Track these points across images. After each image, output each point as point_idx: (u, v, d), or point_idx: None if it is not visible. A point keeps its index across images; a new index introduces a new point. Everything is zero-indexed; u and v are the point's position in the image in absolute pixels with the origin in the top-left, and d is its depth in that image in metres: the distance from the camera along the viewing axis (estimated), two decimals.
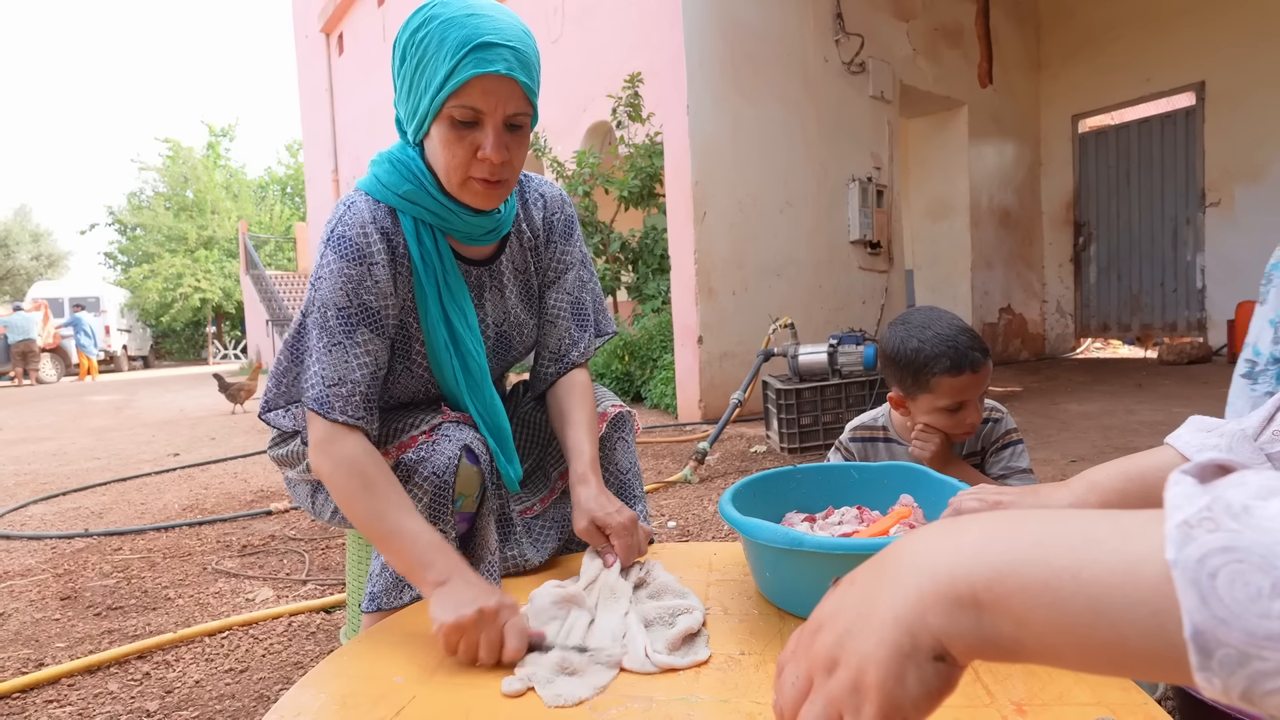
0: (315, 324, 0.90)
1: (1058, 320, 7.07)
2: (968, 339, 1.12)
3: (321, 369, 0.88)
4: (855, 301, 4.85)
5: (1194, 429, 0.67)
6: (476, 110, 0.85)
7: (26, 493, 3.19)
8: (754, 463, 2.98)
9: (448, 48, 0.82)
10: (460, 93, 0.84)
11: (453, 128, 0.86)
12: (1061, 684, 0.63)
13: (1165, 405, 3.75)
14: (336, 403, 0.87)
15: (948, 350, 1.11)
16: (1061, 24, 6.72)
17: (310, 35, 13.15)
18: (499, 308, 1.05)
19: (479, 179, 0.89)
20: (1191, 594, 0.24)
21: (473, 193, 0.91)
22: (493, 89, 0.84)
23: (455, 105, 0.84)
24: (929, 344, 1.12)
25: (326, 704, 0.69)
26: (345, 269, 0.89)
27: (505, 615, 0.74)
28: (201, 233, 23.31)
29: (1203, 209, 6.03)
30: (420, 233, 0.94)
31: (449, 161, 0.88)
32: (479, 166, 0.88)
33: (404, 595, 0.93)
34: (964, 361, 1.11)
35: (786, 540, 0.77)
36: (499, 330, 1.06)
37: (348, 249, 0.89)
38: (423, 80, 0.85)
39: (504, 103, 0.85)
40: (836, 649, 0.33)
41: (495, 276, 1.04)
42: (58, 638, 1.55)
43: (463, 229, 0.96)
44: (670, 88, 4.11)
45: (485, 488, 0.97)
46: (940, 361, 1.11)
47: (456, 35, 0.82)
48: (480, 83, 0.83)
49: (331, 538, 2.21)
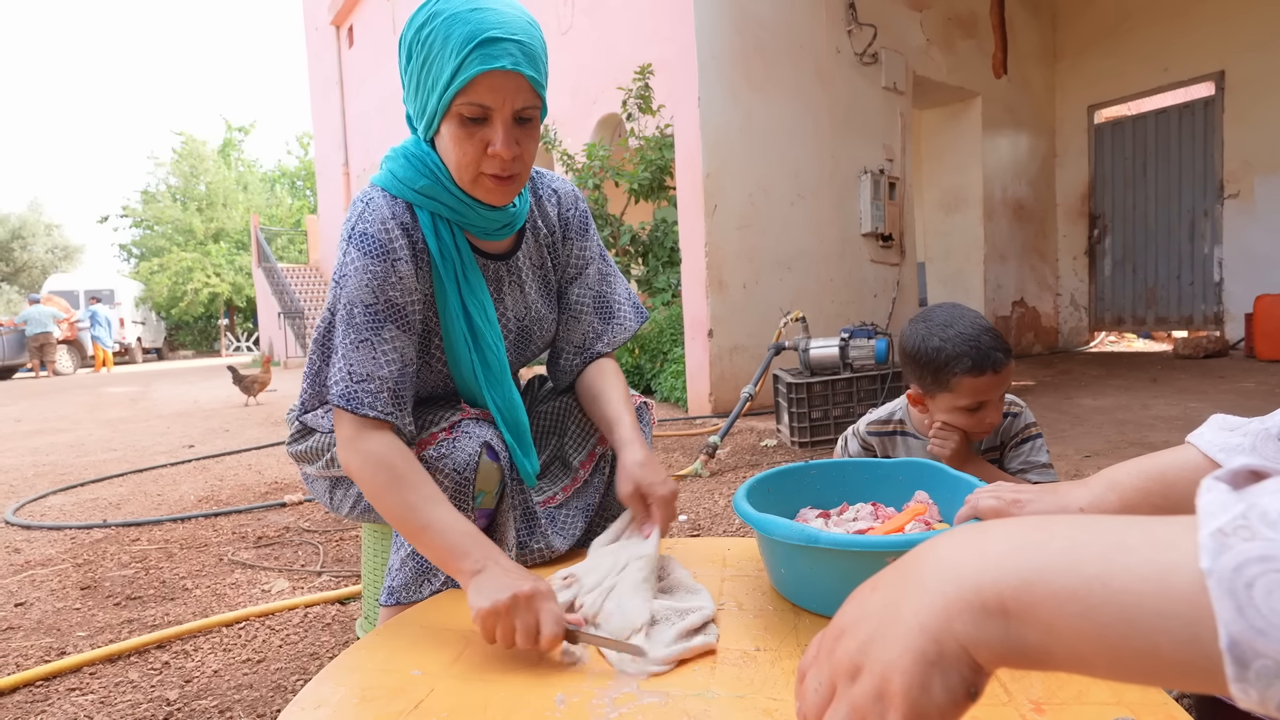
0: (342, 321, 0.90)
1: (1071, 313, 7.00)
2: (990, 339, 1.11)
3: (348, 365, 0.88)
4: (867, 295, 4.82)
5: (1216, 428, 0.66)
6: (485, 107, 0.84)
7: (46, 483, 3.23)
8: (764, 457, 2.98)
9: (453, 44, 0.82)
10: (467, 90, 0.83)
11: (462, 125, 0.86)
12: (1080, 683, 0.63)
13: (1181, 400, 3.71)
14: (365, 398, 0.87)
15: (969, 350, 1.09)
16: (1078, 13, 6.62)
17: (320, 27, 13.16)
18: (519, 302, 1.05)
19: (490, 175, 0.89)
20: (1227, 604, 0.23)
21: (485, 189, 0.91)
22: (500, 85, 0.83)
23: (463, 102, 0.84)
24: (950, 343, 1.11)
25: (346, 696, 0.69)
26: (370, 265, 0.89)
27: (541, 600, 0.74)
28: (210, 225, 23.41)
29: (1221, 201, 5.94)
30: (438, 227, 0.94)
31: (460, 159, 0.88)
32: (490, 163, 0.88)
33: (423, 590, 0.94)
34: (986, 362, 1.09)
35: (802, 537, 0.77)
36: (520, 324, 1.06)
37: (371, 245, 0.89)
38: (429, 78, 0.85)
39: (511, 98, 0.85)
40: (860, 656, 0.33)
41: (514, 271, 1.04)
42: (79, 626, 1.57)
43: (479, 223, 0.96)
44: (681, 79, 4.09)
45: (505, 484, 0.97)
46: (962, 361, 1.10)
47: (461, 31, 0.81)
48: (487, 79, 0.83)
49: (345, 530, 2.23)
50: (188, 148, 24.19)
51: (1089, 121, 6.71)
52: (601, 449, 1.12)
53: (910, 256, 5.12)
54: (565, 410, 1.15)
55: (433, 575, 0.95)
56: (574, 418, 1.14)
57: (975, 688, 0.31)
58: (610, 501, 1.15)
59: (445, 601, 0.91)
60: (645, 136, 5.14)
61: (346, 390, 0.87)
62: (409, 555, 0.94)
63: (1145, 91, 6.32)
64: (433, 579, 0.95)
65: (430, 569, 0.95)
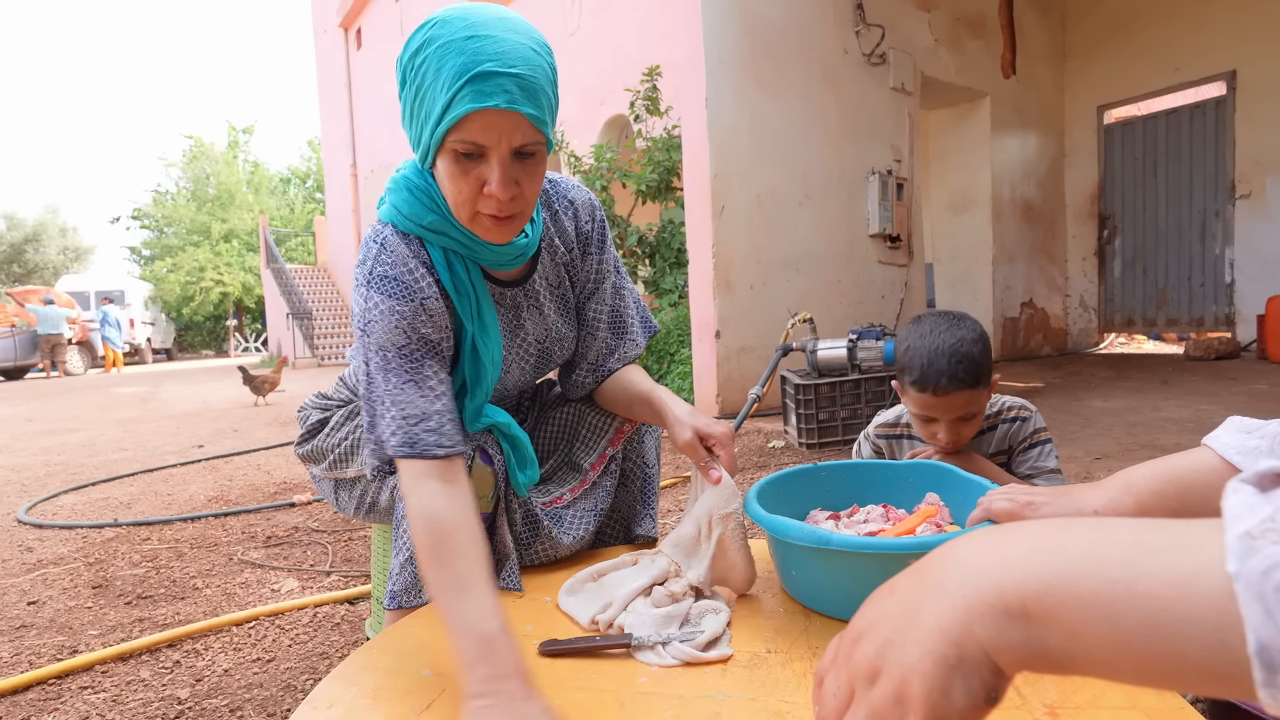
0: (379, 370, 0.85)
1: (1080, 315, 6.96)
2: (949, 363, 1.08)
3: (400, 410, 0.83)
4: (875, 296, 4.80)
5: (1233, 430, 0.66)
6: (479, 145, 0.79)
7: (57, 482, 3.26)
8: (772, 458, 2.97)
9: (444, 78, 0.76)
10: (459, 127, 0.77)
11: (456, 161, 0.80)
12: (1095, 687, 0.62)
13: (1192, 402, 3.68)
14: (428, 437, 0.81)
15: (920, 364, 1.10)
16: (1088, 13, 6.58)
17: (329, 30, 13.24)
18: (539, 326, 1.03)
19: (488, 214, 0.84)
20: (1256, 608, 0.23)
21: (483, 228, 0.86)
22: (494, 123, 0.77)
23: (456, 139, 0.78)
24: (911, 352, 1.13)
25: (357, 697, 0.70)
26: (396, 307, 0.85)
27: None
28: (222, 225, 23.60)
29: (1232, 201, 5.90)
30: (451, 262, 0.91)
31: (455, 196, 0.83)
32: (487, 202, 0.82)
33: (423, 595, 0.94)
34: (928, 380, 1.09)
35: (813, 539, 0.76)
36: (541, 347, 1.04)
37: (396, 288, 0.86)
38: (422, 110, 0.80)
39: (508, 136, 0.78)
40: (878, 659, 0.33)
41: (531, 296, 1.01)
42: (90, 625, 1.58)
43: (490, 258, 0.92)
44: (689, 81, 4.09)
45: (500, 488, 0.97)
46: (910, 371, 1.12)
47: (453, 64, 0.75)
48: (480, 117, 0.76)
49: (354, 530, 2.24)
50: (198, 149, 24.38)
51: (1098, 121, 6.67)
52: (612, 450, 1.12)
53: (918, 257, 5.10)
54: (578, 416, 1.15)
55: None
56: (586, 422, 1.14)
57: (996, 692, 0.30)
58: (621, 503, 1.15)
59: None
60: (653, 138, 5.15)
61: (407, 436, 0.81)
62: (407, 560, 0.93)
63: (1156, 91, 6.27)
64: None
65: None
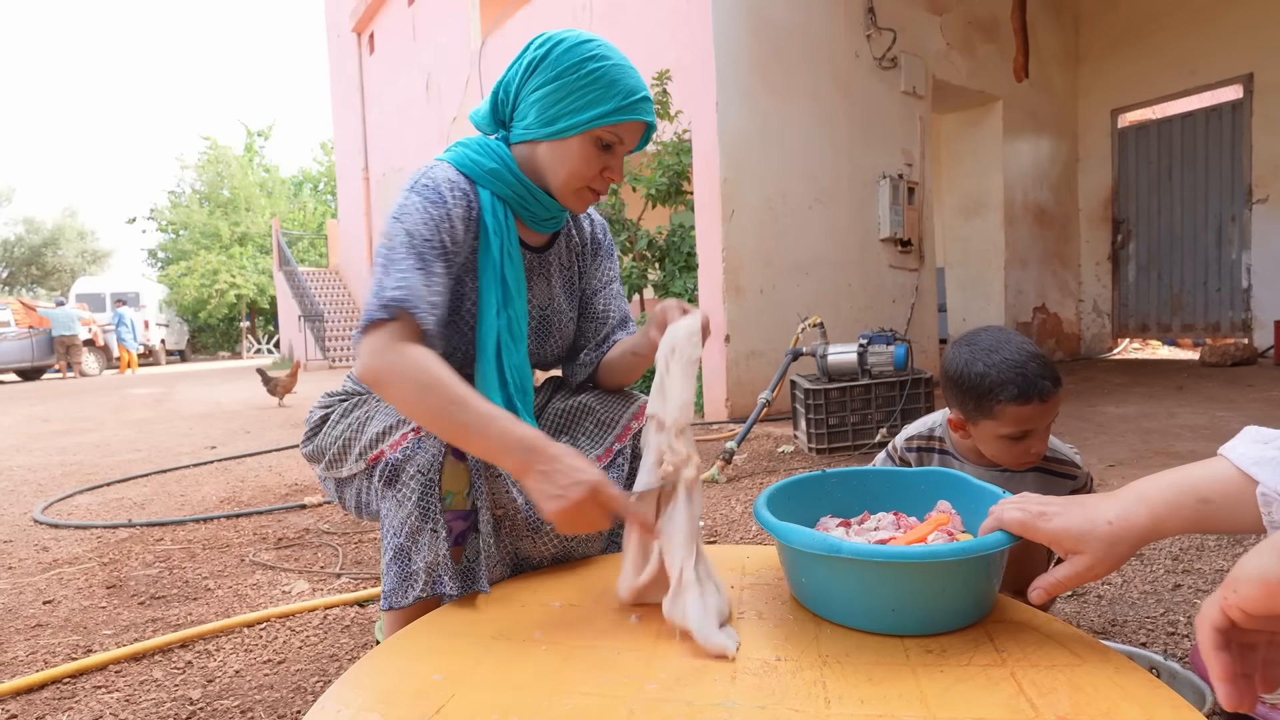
0: (402, 244, 0.95)
1: (1094, 320, 6.90)
2: (1037, 366, 1.05)
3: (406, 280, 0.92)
4: (885, 300, 4.78)
5: (1249, 440, 0.65)
6: (620, 140, 1.03)
7: (72, 483, 3.29)
8: (781, 463, 2.97)
9: (619, 90, 1.00)
10: (617, 126, 1.02)
11: (595, 145, 1.02)
12: (1108, 699, 0.62)
13: (1208, 408, 3.64)
14: (424, 305, 0.92)
15: (1015, 377, 1.04)
16: (1102, 15, 6.54)
17: (342, 35, 13.34)
18: (544, 293, 1.16)
19: (595, 190, 1.07)
20: None
21: (582, 199, 1.08)
22: (637, 131, 1.05)
23: (608, 131, 1.02)
24: (996, 369, 1.05)
25: (368, 700, 0.70)
26: (429, 209, 0.98)
27: (602, 493, 0.83)
28: (235, 229, 23.82)
29: (1249, 205, 5.83)
30: (495, 205, 1.06)
31: (579, 170, 1.03)
32: (599, 181, 1.06)
33: (408, 595, 0.94)
34: (1033, 390, 1.03)
35: (824, 546, 0.76)
36: (542, 313, 1.16)
37: (432, 194, 0.99)
38: (583, 100, 1.00)
39: (636, 140, 1.06)
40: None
41: (544, 265, 1.16)
42: (105, 625, 1.60)
43: (535, 209, 1.09)
44: (699, 84, 4.09)
45: (476, 485, 0.98)
46: (1007, 389, 1.04)
47: (626, 83, 1.01)
48: (634, 125, 1.04)
49: (364, 532, 2.25)
50: (213, 152, 24.63)
51: (1112, 125, 6.62)
52: (619, 445, 1.12)
53: (929, 262, 5.08)
54: (580, 409, 1.16)
55: (413, 581, 0.94)
56: (591, 415, 1.15)
57: None
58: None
59: (464, 606, 0.91)
60: (663, 141, 5.15)
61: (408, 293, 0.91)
62: (391, 560, 0.95)
63: (1171, 95, 6.22)
64: (414, 584, 0.94)
65: (410, 574, 0.94)
